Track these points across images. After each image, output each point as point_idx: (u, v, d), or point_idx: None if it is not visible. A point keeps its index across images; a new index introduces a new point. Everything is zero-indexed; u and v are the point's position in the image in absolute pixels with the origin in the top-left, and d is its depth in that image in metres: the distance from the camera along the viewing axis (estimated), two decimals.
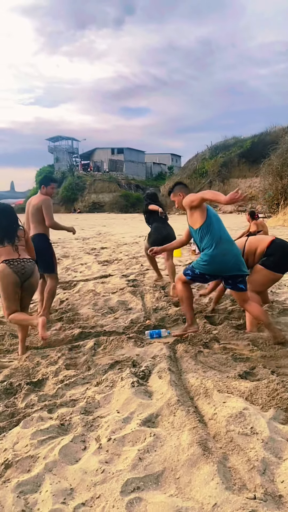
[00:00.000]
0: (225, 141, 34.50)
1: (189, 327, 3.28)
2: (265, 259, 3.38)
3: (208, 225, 3.07)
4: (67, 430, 2.14)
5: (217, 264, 3.02)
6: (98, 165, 53.56)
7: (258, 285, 3.40)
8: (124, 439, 1.98)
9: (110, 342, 3.25)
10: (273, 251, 3.39)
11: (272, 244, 3.43)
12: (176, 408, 2.17)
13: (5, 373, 2.82)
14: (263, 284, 3.43)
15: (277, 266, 3.34)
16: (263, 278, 3.37)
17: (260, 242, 3.50)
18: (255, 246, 3.48)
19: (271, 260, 3.35)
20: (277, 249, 3.39)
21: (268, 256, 3.38)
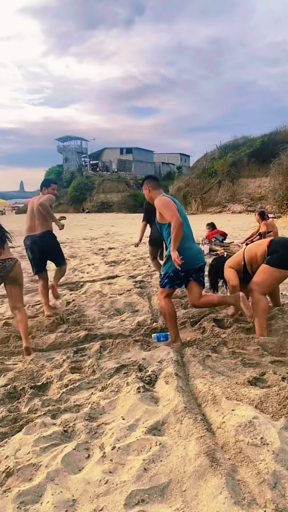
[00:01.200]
0: (235, 141, 34.25)
1: (172, 343, 3.21)
2: (269, 258, 3.31)
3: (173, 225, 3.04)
4: (70, 437, 2.08)
5: (186, 257, 3.04)
6: (107, 165, 53.64)
7: (265, 285, 3.30)
8: (129, 448, 1.91)
9: (116, 345, 3.19)
10: (275, 249, 3.32)
11: (272, 243, 3.39)
12: (183, 415, 2.10)
13: (9, 376, 2.77)
14: (270, 284, 3.33)
15: (282, 262, 3.25)
16: (269, 277, 3.28)
17: (259, 246, 3.47)
18: (254, 251, 3.44)
19: (275, 257, 3.28)
20: (278, 245, 3.34)
21: (271, 255, 3.31)
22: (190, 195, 32.27)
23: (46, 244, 4.41)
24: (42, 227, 4.39)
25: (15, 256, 3.55)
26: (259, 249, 3.42)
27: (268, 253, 3.34)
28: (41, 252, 4.41)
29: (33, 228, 4.44)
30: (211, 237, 9.77)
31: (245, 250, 3.51)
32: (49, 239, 4.42)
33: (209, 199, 31.16)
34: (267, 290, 3.36)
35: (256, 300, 3.27)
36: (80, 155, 55.29)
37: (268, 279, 3.28)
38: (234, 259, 3.59)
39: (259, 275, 3.32)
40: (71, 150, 54.78)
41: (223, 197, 30.43)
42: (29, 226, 4.47)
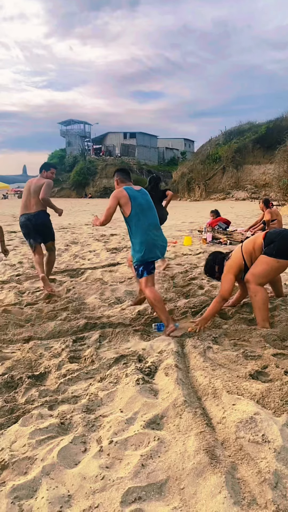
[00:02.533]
0: (240, 126, 33.82)
1: (167, 328, 3.19)
2: (266, 249, 3.26)
3: (133, 216, 3.26)
4: (67, 430, 2.03)
5: (150, 247, 3.24)
6: (110, 149, 53.15)
7: (263, 276, 3.24)
8: (127, 442, 1.86)
9: (116, 334, 3.14)
10: (271, 239, 3.26)
11: (268, 235, 3.33)
12: (183, 409, 2.05)
13: (6, 365, 2.73)
14: (268, 274, 3.26)
15: (280, 252, 3.19)
16: (268, 267, 3.22)
17: (254, 240, 3.40)
18: (251, 246, 3.36)
19: (272, 247, 3.22)
20: (275, 236, 3.27)
21: (268, 245, 3.25)
22: (194, 181, 32.01)
23: (39, 223, 4.70)
24: (37, 206, 4.67)
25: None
26: (255, 243, 3.35)
27: (265, 244, 3.28)
28: (34, 230, 4.70)
29: (28, 206, 4.72)
30: (214, 225, 9.66)
31: (242, 248, 3.41)
32: (43, 218, 4.72)
33: (212, 186, 30.92)
34: (264, 280, 3.29)
35: (254, 291, 3.20)
36: (83, 139, 54.76)
37: (266, 269, 3.22)
38: (234, 261, 3.40)
39: (257, 266, 3.26)
40: (74, 134, 54.25)
41: (227, 183, 30.18)
42: (25, 205, 4.75)
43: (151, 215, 3.38)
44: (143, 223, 3.27)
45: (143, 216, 3.29)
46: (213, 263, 3.60)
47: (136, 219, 3.27)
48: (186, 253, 6.90)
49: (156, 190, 6.16)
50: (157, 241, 3.34)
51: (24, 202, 4.77)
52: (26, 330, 3.39)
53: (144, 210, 3.31)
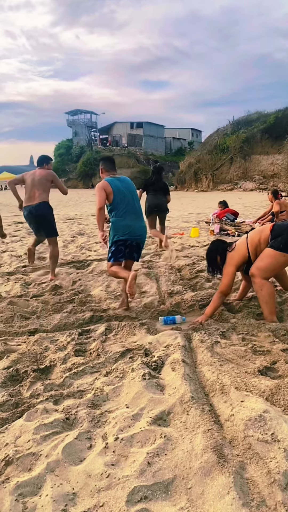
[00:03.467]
0: (248, 116, 33.33)
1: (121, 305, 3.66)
2: (273, 242, 3.17)
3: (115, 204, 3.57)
4: (72, 425, 2.00)
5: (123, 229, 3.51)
6: (117, 139, 52.82)
7: (269, 270, 3.15)
8: (133, 439, 1.83)
9: (122, 327, 3.10)
10: (279, 233, 3.17)
11: (275, 227, 3.22)
12: (190, 406, 2.01)
13: (12, 358, 2.71)
14: (273, 268, 3.18)
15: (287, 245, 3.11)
16: (274, 261, 3.13)
17: (261, 232, 3.30)
18: (257, 238, 3.26)
19: (279, 240, 3.13)
20: (282, 229, 3.17)
21: (275, 239, 3.16)
22: (201, 171, 31.74)
23: (40, 214, 4.79)
24: (40, 198, 4.76)
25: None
26: (262, 235, 3.26)
27: (272, 237, 3.19)
28: (36, 222, 4.86)
29: (31, 198, 4.79)
30: (222, 216, 9.55)
31: (247, 239, 3.32)
32: (44, 209, 4.80)
33: (220, 176, 30.63)
34: (269, 274, 3.21)
35: (260, 285, 3.13)
36: (90, 129, 54.46)
37: (272, 263, 3.13)
38: (238, 253, 3.33)
39: (262, 259, 3.17)
40: (80, 124, 53.96)
41: (234, 174, 29.87)
42: (28, 196, 4.82)
43: (133, 202, 3.64)
44: (122, 210, 3.55)
45: (123, 204, 3.57)
46: (215, 253, 3.48)
47: (117, 206, 3.56)
48: (193, 245, 6.83)
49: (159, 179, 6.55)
50: (133, 227, 3.57)
51: (28, 194, 4.81)
52: (32, 323, 3.36)
53: (126, 197, 3.59)
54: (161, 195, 6.50)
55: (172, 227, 9.67)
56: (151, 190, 6.52)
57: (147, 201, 6.53)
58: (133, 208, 3.61)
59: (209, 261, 3.53)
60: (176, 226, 9.82)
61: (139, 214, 3.66)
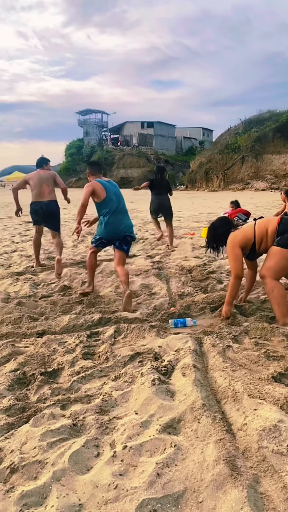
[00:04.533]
0: (260, 115, 33.00)
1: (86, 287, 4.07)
2: (279, 239, 3.04)
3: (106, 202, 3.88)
4: (79, 432, 1.95)
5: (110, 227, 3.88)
6: (128, 139, 52.82)
7: (278, 269, 3.03)
8: (142, 448, 1.76)
9: (131, 330, 3.04)
10: (286, 228, 3.04)
11: (283, 221, 3.09)
12: (201, 413, 1.94)
13: (19, 361, 2.66)
14: (283, 267, 3.04)
15: None
16: (283, 260, 3.00)
17: (269, 221, 3.16)
18: (265, 226, 3.14)
19: (286, 237, 3.01)
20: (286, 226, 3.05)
21: (281, 235, 3.04)
22: (212, 171, 31.53)
23: (50, 211, 5.26)
24: (50, 195, 5.23)
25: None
26: (269, 225, 3.12)
27: (278, 232, 3.06)
28: (44, 217, 5.27)
29: (41, 194, 5.20)
30: (233, 216, 9.43)
31: (255, 225, 3.19)
32: (54, 207, 5.30)
33: (231, 176, 30.38)
34: (280, 274, 3.08)
35: (271, 286, 3.01)
36: (101, 128, 54.54)
37: (281, 261, 3.00)
38: (243, 233, 3.21)
39: (271, 259, 3.05)
40: (91, 123, 54.07)
41: (246, 173, 29.60)
42: (38, 192, 5.20)
43: (118, 203, 3.97)
44: (111, 209, 3.88)
45: (112, 204, 3.89)
46: (218, 230, 3.34)
47: (106, 205, 3.89)
48: (204, 246, 6.74)
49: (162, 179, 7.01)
50: (120, 226, 3.92)
51: (37, 190, 5.19)
52: (40, 324, 3.32)
53: (113, 200, 3.92)
54: (164, 195, 6.96)
55: (183, 227, 9.58)
56: (155, 189, 6.98)
57: (151, 201, 7.06)
58: (120, 208, 3.97)
59: (211, 237, 3.40)
60: (187, 226, 9.73)
61: (126, 213, 4.03)
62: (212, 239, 3.40)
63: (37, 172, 5.32)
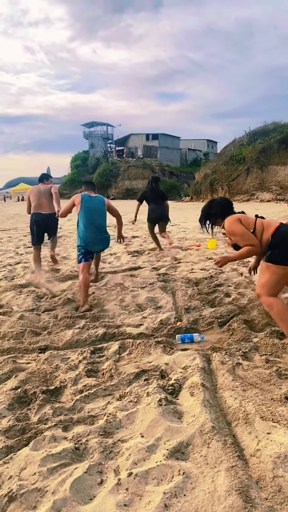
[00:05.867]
0: (264, 127, 33.08)
1: (81, 307, 4.01)
2: (270, 254, 2.91)
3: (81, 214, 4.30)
4: (82, 456, 1.84)
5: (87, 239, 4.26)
6: (133, 151, 53.16)
7: (272, 285, 2.89)
8: (148, 475, 1.65)
9: (137, 346, 2.93)
10: (276, 242, 2.90)
11: (276, 233, 2.92)
12: (211, 437, 1.83)
13: (20, 378, 2.56)
14: (277, 283, 2.90)
15: (284, 258, 2.86)
16: (274, 275, 2.87)
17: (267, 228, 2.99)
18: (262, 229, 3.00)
19: (276, 253, 2.87)
20: (280, 239, 2.90)
21: (272, 250, 2.91)
22: (217, 182, 31.52)
23: (50, 223, 5.78)
24: (49, 208, 5.68)
25: None
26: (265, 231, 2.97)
27: (270, 244, 2.92)
28: (44, 228, 5.78)
29: (41, 206, 5.68)
30: None
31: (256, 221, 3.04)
32: (53, 220, 5.78)
33: (236, 187, 30.34)
34: (275, 289, 2.93)
35: (269, 304, 2.88)
36: (106, 141, 54.99)
37: (272, 277, 2.88)
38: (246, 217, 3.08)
39: (262, 276, 2.93)
40: (97, 136, 54.53)
41: (251, 185, 29.55)
42: (38, 204, 5.69)
43: (97, 217, 4.34)
44: (88, 221, 4.26)
45: (90, 216, 4.28)
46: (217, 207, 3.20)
47: (83, 217, 4.27)
48: (211, 257, 6.64)
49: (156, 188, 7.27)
50: (95, 239, 4.30)
51: (36, 202, 5.70)
52: (43, 339, 3.23)
53: (92, 212, 4.30)
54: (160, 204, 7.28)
55: (189, 238, 9.49)
56: (152, 199, 7.29)
57: (149, 211, 7.37)
58: (96, 222, 4.30)
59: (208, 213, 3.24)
60: (193, 237, 9.63)
61: (100, 228, 4.34)
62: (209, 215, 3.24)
63: (37, 186, 5.92)
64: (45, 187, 5.85)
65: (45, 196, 5.71)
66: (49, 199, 5.70)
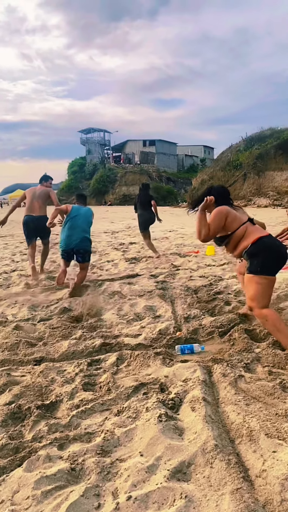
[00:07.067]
0: (261, 132, 33.22)
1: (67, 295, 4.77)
2: (249, 264, 2.90)
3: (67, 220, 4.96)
4: (78, 478, 1.74)
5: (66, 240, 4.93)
6: (130, 157, 53.29)
7: (259, 296, 2.84)
8: (148, 499, 1.56)
9: (135, 357, 2.84)
10: (255, 252, 2.88)
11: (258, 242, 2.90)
12: (214, 456, 1.74)
13: (14, 392, 2.46)
14: (263, 293, 2.85)
15: (265, 268, 2.84)
16: (260, 286, 2.83)
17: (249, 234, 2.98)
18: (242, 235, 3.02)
19: (255, 263, 2.86)
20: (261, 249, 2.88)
21: (251, 259, 2.89)
22: None
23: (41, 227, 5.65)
24: (40, 210, 5.79)
25: None
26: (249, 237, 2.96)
27: (248, 252, 2.91)
28: (34, 230, 5.83)
29: (32, 209, 5.80)
30: None
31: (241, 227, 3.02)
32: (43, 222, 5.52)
33: (233, 192, 30.36)
34: (265, 300, 2.87)
35: (262, 317, 2.84)
36: (103, 147, 55.09)
37: (258, 288, 2.83)
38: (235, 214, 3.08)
39: (248, 289, 2.91)
40: (94, 142, 54.64)
41: (248, 190, 29.61)
42: (29, 207, 5.82)
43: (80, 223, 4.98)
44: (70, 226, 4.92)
45: (74, 222, 4.94)
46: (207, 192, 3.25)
47: (67, 221, 4.95)
48: (210, 264, 6.56)
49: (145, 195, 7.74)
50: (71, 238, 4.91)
51: (28, 205, 5.82)
52: (38, 350, 3.13)
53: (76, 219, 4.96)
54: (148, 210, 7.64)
55: (187, 244, 9.42)
56: (139, 206, 7.76)
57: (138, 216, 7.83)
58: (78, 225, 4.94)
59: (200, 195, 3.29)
60: (191, 243, 9.56)
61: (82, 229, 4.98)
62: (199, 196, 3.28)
63: (33, 188, 5.97)
64: (41, 189, 5.91)
65: (37, 200, 5.79)
66: (42, 203, 5.79)
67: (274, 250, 2.89)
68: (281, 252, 2.91)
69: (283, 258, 2.90)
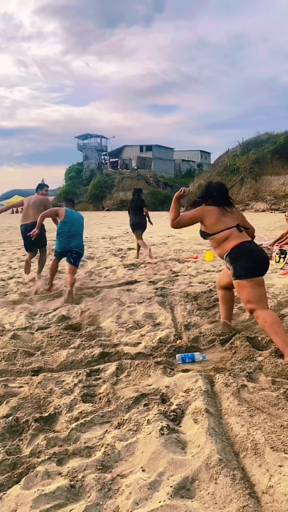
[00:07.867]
0: (257, 137, 33.32)
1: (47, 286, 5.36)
2: (233, 270, 2.95)
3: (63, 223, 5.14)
4: (78, 495, 1.68)
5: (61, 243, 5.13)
6: (127, 162, 53.34)
7: (255, 298, 2.88)
8: None
9: (135, 367, 2.78)
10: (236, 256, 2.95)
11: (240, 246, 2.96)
12: (218, 471, 1.68)
13: (12, 404, 2.40)
14: (255, 295, 2.88)
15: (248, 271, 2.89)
16: (249, 289, 2.89)
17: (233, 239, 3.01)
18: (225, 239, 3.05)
19: (238, 268, 2.91)
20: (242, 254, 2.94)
21: (234, 265, 2.95)
22: None
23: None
24: (33, 217, 5.78)
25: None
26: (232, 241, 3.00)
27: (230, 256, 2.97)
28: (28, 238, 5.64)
29: (27, 216, 6.01)
30: None
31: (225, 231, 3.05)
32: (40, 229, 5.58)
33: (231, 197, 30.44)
34: (262, 301, 2.90)
35: (262, 318, 2.84)
36: (100, 152, 55.14)
37: (250, 291, 2.88)
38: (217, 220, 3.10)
39: (241, 294, 2.97)
40: (91, 148, 54.68)
41: (245, 195, 29.66)
42: (24, 215, 6.07)
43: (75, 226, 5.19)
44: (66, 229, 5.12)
45: (69, 226, 5.13)
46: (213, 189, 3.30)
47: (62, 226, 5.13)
48: (209, 270, 6.51)
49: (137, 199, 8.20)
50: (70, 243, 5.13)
51: (24, 213, 6.08)
52: (36, 360, 3.07)
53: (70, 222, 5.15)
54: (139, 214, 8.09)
55: (185, 249, 9.37)
56: (131, 210, 8.23)
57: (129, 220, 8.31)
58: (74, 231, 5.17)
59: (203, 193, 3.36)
60: (189, 249, 9.52)
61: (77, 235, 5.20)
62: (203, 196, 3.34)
63: (30, 197, 6.20)
64: (37, 197, 6.11)
65: (32, 207, 5.98)
66: (36, 210, 5.87)
67: (255, 254, 2.95)
68: (262, 256, 2.98)
69: (264, 262, 2.96)
